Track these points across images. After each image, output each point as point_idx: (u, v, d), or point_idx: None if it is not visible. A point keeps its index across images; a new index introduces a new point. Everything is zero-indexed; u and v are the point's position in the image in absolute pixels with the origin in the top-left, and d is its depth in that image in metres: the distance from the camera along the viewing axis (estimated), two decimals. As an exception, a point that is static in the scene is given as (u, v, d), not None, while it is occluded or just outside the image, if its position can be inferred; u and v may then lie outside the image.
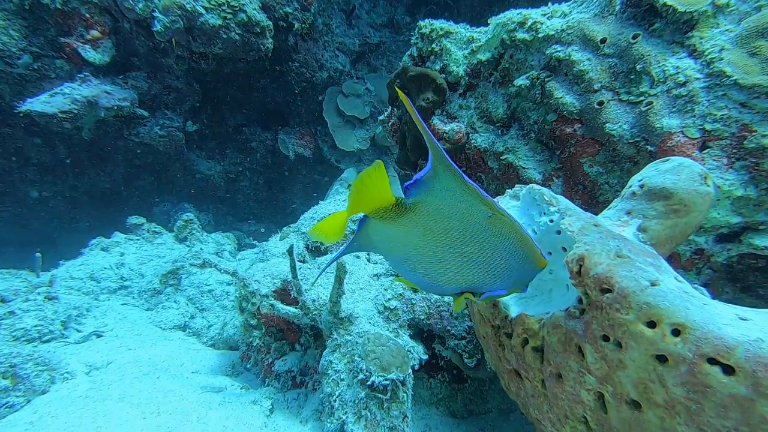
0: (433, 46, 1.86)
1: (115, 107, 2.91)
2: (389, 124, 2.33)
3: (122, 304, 2.16)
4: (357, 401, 0.91)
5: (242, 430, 1.03)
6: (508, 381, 0.85)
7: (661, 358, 0.59)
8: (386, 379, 0.89)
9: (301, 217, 1.57)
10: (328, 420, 0.95)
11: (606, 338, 0.66)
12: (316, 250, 1.44)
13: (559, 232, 0.89)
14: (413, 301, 1.10)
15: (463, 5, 4.26)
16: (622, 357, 0.63)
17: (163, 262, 2.57)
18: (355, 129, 5.40)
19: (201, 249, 2.61)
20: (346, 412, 0.91)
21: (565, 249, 0.88)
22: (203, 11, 2.82)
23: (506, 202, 0.86)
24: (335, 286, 1.04)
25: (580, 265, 0.71)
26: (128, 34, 2.93)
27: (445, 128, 1.90)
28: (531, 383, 0.79)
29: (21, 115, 2.45)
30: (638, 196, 0.97)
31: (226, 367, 1.45)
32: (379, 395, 0.89)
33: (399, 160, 2.26)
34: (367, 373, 0.90)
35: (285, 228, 1.60)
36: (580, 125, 1.47)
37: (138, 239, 2.77)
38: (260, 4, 3.22)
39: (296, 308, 1.15)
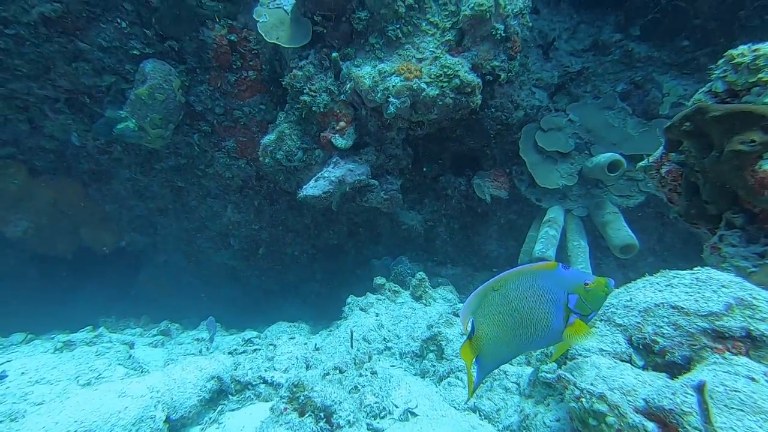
0: (761, 75, 1.46)
1: (356, 181, 3.35)
2: (661, 171, 1.95)
3: (390, 366, 2.32)
4: None
5: None
6: None
7: None
8: None
9: (610, 305, 1.36)
10: None
11: None
12: (644, 348, 1.20)
13: None
14: None
15: (703, 4, 3.47)
16: None
17: (410, 322, 2.70)
18: (558, 164, 4.98)
19: (445, 311, 2.66)
20: None
21: None
22: (425, 86, 3.05)
23: None
24: None
25: None
26: (364, 119, 3.39)
27: (777, 173, 1.45)
28: None
29: (299, 199, 3.04)
30: None
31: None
32: None
33: (687, 213, 1.85)
34: None
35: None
36: None
37: (383, 299, 3.02)
38: (470, 65, 3.32)
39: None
